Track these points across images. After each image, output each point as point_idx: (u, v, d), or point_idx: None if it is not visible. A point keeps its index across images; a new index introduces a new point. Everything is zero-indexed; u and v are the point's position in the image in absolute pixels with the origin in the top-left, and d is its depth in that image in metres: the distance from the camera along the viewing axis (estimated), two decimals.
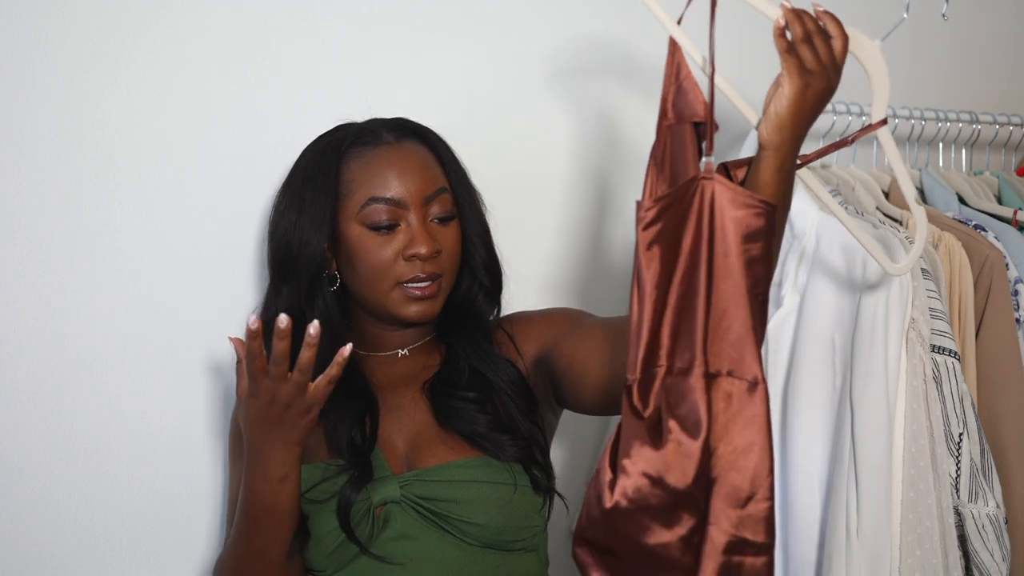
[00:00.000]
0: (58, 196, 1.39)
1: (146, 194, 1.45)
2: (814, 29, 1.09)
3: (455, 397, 1.33)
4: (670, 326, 1.07)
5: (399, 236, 1.32)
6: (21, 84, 1.36)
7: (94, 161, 1.41)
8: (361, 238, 1.32)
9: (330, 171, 1.34)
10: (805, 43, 1.08)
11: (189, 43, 1.46)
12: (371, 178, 1.33)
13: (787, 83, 1.07)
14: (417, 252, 1.30)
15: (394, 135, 1.37)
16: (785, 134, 1.09)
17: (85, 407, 1.42)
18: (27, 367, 1.38)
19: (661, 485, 1.03)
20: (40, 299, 1.38)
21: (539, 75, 1.75)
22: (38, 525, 1.40)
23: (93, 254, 1.41)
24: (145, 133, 1.44)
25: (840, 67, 1.10)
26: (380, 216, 1.32)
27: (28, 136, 1.37)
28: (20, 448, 1.38)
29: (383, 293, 1.32)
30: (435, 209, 1.34)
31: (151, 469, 1.46)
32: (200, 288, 1.49)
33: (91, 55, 1.40)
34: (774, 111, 1.08)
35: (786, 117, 1.08)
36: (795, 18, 1.09)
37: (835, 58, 1.09)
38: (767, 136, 1.09)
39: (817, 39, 1.08)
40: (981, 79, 2.27)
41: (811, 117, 1.10)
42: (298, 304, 1.35)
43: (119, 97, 1.42)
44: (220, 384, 1.49)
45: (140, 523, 1.46)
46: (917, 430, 1.50)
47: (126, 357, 1.44)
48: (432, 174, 1.35)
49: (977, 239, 1.69)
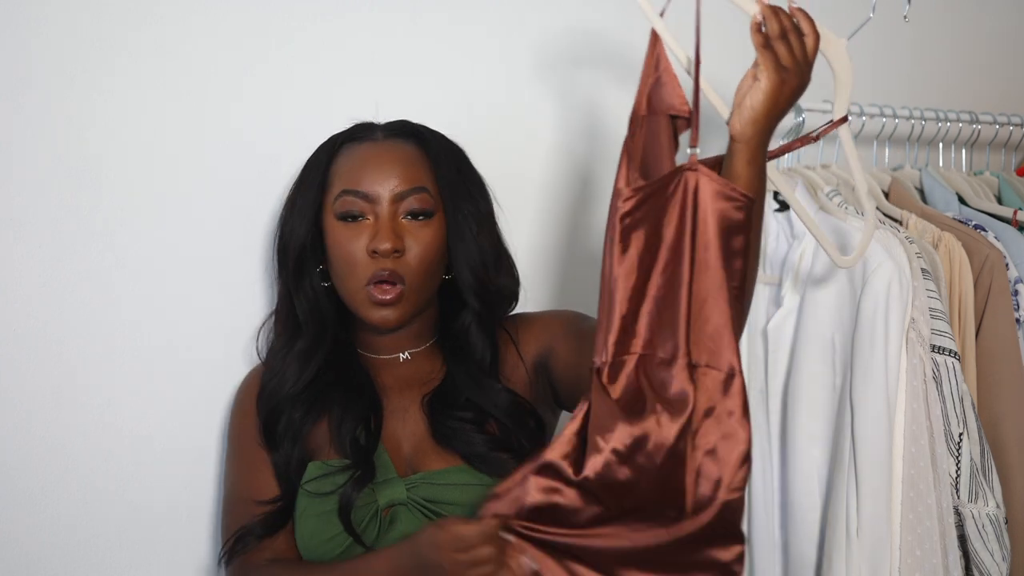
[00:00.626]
0: (59, 196, 1.39)
1: (147, 194, 1.45)
2: (789, 26, 1.11)
3: (452, 417, 1.33)
4: (649, 315, 1.08)
5: (366, 230, 1.31)
6: (21, 84, 1.36)
7: (95, 161, 1.41)
8: (334, 229, 1.33)
9: (321, 166, 1.36)
10: (781, 39, 1.11)
11: (190, 43, 1.46)
12: (349, 171, 1.33)
13: (764, 78, 1.09)
14: (377, 247, 1.29)
15: (384, 133, 1.38)
16: (759, 127, 1.11)
17: (85, 407, 1.42)
18: (27, 367, 1.38)
19: (630, 462, 1.05)
20: (40, 299, 1.38)
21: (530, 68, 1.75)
22: (38, 525, 1.39)
23: (93, 254, 1.41)
24: (146, 133, 1.44)
25: (812, 64, 1.13)
26: (348, 207, 1.32)
27: (29, 136, 1.37)
28: (20, 448, 1.38)
29: (353, 292, 1.32)
30: (408, 204, 1.32)
31: (151, 469, 1.46)
32: (200, 288, 1.48)
33: (91, 54, 1.40)
34: (749, 105, 1.10)
35: (760, 111, 1.10)
36: (772, 15, 1.11)
37: (808, 55, 1.12)
38: (739, 129, 1.11)
39: (792, 36, 1.11)
40: (981, 79, 2.27)
41: (783, 112, 1.13)
42: (288, 293, 1.37)
43: (119, 97, 1.42)
44: (220, 384, 1.49)
45: (140, 523, 1.46)
46: (917, 430, 1.50)
47: (126, 357, 1.44)
48: (413, 172, 1.33)
49: (977, 239, 1.69)
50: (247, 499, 1.33)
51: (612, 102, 1.85)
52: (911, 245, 1.58)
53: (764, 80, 1.09)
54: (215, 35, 1.48)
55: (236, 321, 1.50)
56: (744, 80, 1.13)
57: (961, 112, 1.95)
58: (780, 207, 1.71)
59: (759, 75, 1.10)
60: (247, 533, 1.31)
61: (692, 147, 1.08)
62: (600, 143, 1.85)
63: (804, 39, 1.12)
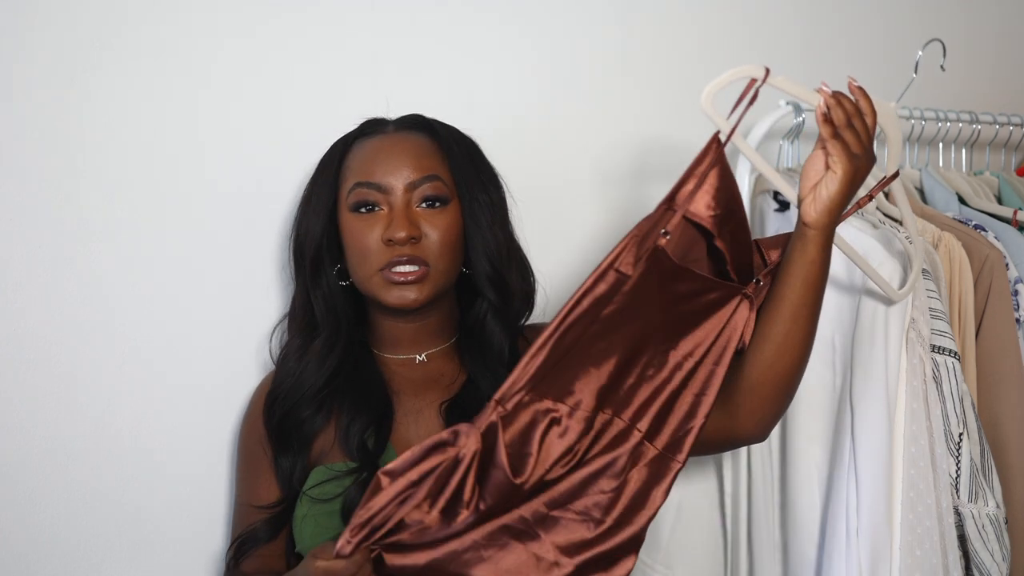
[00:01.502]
0: (59, 196, 1.39)
1: (147, 194, 1.45)
2: (853, 111, 1.13)
3: None
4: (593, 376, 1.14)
5: (381, 220, 1.31)
6: (22, 84, 1.36)
7: (95, 161, 1.41)
8: (348, 222, 1.32)
9: (333, 163, 1.36)
10: (848, 128, 1.13)
11: (190, 42, 1.46)
12: (361, 164, 1.33)
13: (839, 168, 1.13)
14: (393, 235, 1.29)
15: (395, 126, 1.37)
16: (834, 215, 1.15)
17: (85, 407, 1.42)
18: (27, 367, 1.38)
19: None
20: (40, 299, 1.38)
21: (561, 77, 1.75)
22: (38, 525, 1.39)
23: (93, 255, 1.41)
24: (146, 133, 1.44)
25: (873, 141, 1.16)
26: (362, 198, 1.31)
27: (29, 136, 1.37)
28: (20, 448, 1.38)
29: (367, 278, 1.31)
30: (423, 192, 1.31)
31: (152, 470, 1.46)
32: (201, 288, 1.48)
33: (92, 54, 1.40)
34: (826, 196, 1.13)
35: (837, 200, 1.14)
36: (836, 104, 1.13)
37: (871, 135, 1.15)
38: (815, 218, 1.14)
39: (856, 121, 1.13)
40: (981, 79, 2.27)
41: (854, 194, 1.16)
42: (305, 293, 1.37)
43: (119, 97, 1.42)
44: (220, 385, 1.49)
45: (140, 523, 1.46)
46: (917, 430, 1.50)
47: (126, 358, 1.44)
48: (426, 162, 1.32)
49: (977, 239, 1.69)
50: (251, 504, 1.33)
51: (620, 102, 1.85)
52: (911, 245, 1.58)
53: (839, 170, 1.12)
54: (214, 35, 1.48)
55: (237, 321, 1.50)
56: (812, 165, 1.15)
57: (961, 112, 1.95)
58: (780, 207, 1.71)
59: (832, 164, 1.13)
60: (251, 537, 1.31)
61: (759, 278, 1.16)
62: (610, 144, 1.85)
63: (865, 119, 1.14)
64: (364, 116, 1.41)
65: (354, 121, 1.40)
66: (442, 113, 1.41)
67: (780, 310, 1.19)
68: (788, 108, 1.72)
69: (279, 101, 1.53)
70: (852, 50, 2.09)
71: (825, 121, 1.13)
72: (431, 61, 1.65)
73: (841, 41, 2.07)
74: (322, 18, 1.56)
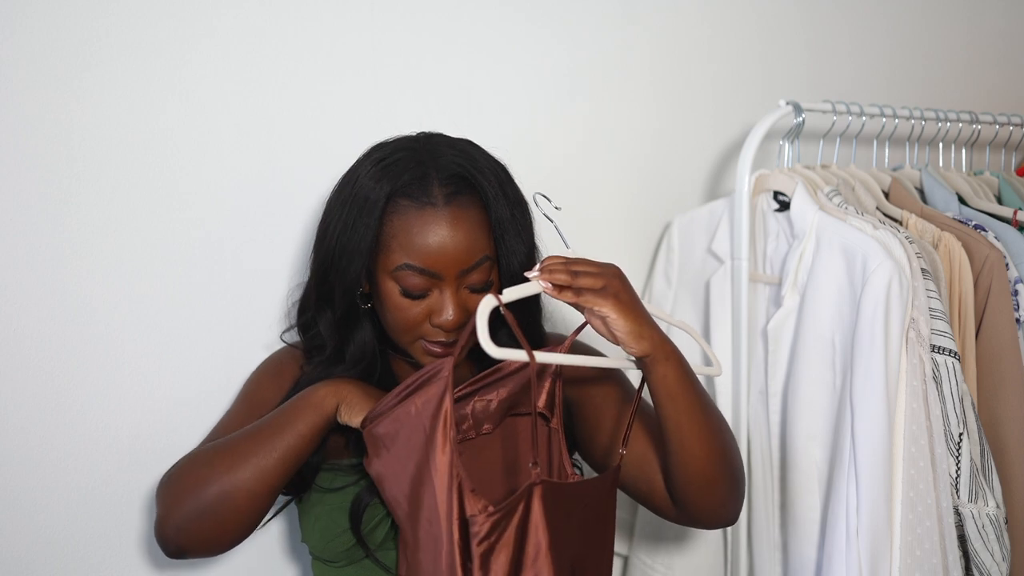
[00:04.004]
0: (59, 196, 1.39)
1: (147, 194, 1.45)
2: (563, 264, 1.15)
3: None
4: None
5: (429, 300, 1.27)
6: (23, 84, 1.36)
7: (95, 160, 1.41)
8: (391, 294, 1.28)
9: (374, 215, 1.26)
10: (577, 277, 1.14)
11: (190, 42, 1.46)
12: (410, 242, 1.24)
13: (606, 309, 1.13)
14: (443, 322, 1.26)
15: (444, 193, 1.25)
16: (646, 336, 1.15)
17: (85, 407, 1.42)
18: (27, 367, 1.38)
19: None
20: (40, 299, 1.38)
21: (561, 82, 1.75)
22: (38, 525, 1.40)
23: (93, 255, 1.41)
24: (146, 132, 1.44)
25: (605, 262, 1.18)
26: (412, 282, 1.26)
27: (30, 135, 1.37)
28: (20, 448, 1.38)
29: (405, 342, 1.30)
30: (472, 279, 1.27)
31: (152, 470, 1.46)
32: (200, 288, 1.48)
33: (92, 54, 1.40)
34: (624, 332, 1.14)
35: (634, 326, 1.14)
36: (548, 273, 1.15)
37: (590, 263, 1.16)
38: (642, 349, 1.15)
39: (576, 266, 1.15)
40: (981, 79, 2.27)
41: (640, 306, 1.17)
42: (338, 333, 1.35)
43: (120, 97, 1.42)
44: (220, 385, 1.49)
45: (140, 523, 1.46)
46: (917, 430, 1.50)
47: (127, 358, 1.44)
48: (476, 244, 1.25)
49: (977, 239, 1.69)
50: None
51: (620, 101, 1.85)
52: (911, 245, 1.59)
53: (608, 311, 1.13)
54: (214, 35, 1.48)
55: (238, 321, 1.50)
56: (594, 326, 1.16)
57: (961, 112, 1.95)
58: (780, 207, 1.71)
59: (600, 313, 1.14)
60: None
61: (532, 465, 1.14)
62: (611, 143, 1.85)
63: (581, 258, 1.17)
64: (365, 116, 1.40)
65: (355, 121, 1.39)
66: (442, 113, 1.41)
67: (668, 424, 1.20)
68: (788, 108, 1.72)
69: (279, 101, 1.53)
70: (854, 50, 2.09)
71: (560, 292, 1.14)
72: (431, 59, 1.65)
73: (843, 41, 2.07)
74: (321, 17, 1.56)
